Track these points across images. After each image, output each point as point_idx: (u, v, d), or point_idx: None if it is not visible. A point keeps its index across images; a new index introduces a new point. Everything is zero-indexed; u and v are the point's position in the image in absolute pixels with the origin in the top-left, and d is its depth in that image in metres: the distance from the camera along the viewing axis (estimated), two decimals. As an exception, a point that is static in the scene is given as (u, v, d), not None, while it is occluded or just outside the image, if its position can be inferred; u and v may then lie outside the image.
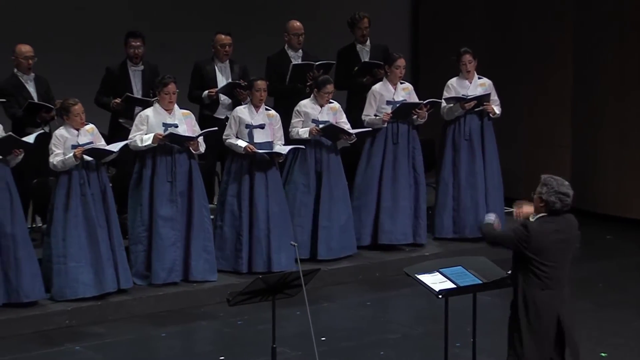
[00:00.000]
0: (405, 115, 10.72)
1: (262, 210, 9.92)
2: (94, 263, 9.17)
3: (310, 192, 10.32)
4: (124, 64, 10.48)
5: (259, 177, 9.94)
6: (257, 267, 9.91)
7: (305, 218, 10.31)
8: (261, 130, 9.94)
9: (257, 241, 9.92)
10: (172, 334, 9.06)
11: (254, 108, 9.97)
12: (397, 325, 9.29)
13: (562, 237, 6.57)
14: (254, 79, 9.99)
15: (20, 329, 8.86)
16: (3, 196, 8.88)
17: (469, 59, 10.94)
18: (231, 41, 10.65)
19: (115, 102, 10.26)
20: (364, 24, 11.40)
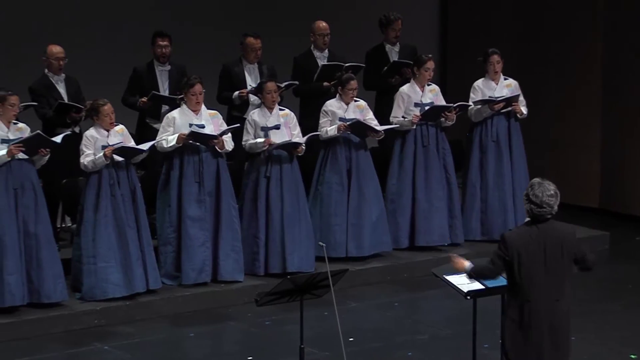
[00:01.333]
0: (434, 118, 10.72)
1: (277, 212, 9.93)
2: (123, 263, 9.20)
3: (344, 190, 10.34)
4: (151, 64, 10.52)
5: (275, 178, 9.95)
6: (272, 268, 9.92)
7: (342, 217, 10.32)
8: (277, 131, 9.96)
9: (273, 243, 9.93)
10: (200, 334, 9.08)
11: (267, 110, 9.98)
12: (425, 326, 9.27)
13: (542, 246, 6.31)
14: (264, 82, 10.02)
15: (50, 329, 8.90)
16: (28, 196, 8.92)
17: (497, 60, 10.91)
18: (260, 44, 10.68)
19: (142, 100, 10.29)
20: (398, 26, 11.40)
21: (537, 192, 6.39)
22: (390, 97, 11.00)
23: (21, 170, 8.90)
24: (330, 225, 10.29)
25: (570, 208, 6.85)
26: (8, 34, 11.24)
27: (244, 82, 10.71)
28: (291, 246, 9.92)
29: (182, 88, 9.66)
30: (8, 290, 8.77)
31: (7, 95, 8.83)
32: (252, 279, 9.87)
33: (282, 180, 9.97)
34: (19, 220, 8.86)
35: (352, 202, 10.35)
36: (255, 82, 10.68)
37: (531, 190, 6.41)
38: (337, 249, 10.29)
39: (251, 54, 10.68)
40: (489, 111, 10.92)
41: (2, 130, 8.88)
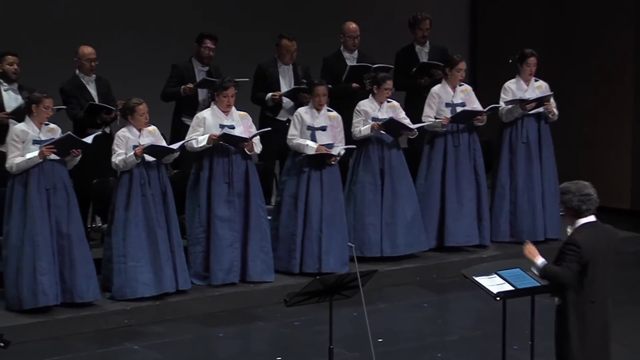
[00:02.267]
0: (464, 120, 10.70)
1: (315, 211, 9.95)
2: (153, 263, 9.24)
3: (377, 189, 10.35)
4: (190, 62, 10.56)
5: (315, 177, 9.97)
6: (307, 268, 9.93)
7: (376, 217, 10.33)
8: (323, 132, 9.99)
9: (310, 242, 9.94)
10: (229, 334, 9.10)
11: (315, 110, 10.02)
12: (454, 327, 9.26)
13: (602, 245, 6.46)
14: (315, 84, 10.03)
15: (80, 328, 8.95)
16: (60, 196, 8.97)
17: (535, 62, 10.89)
18: (296, 46, 10.70)
19: (188, 87, 10.32)
20: (426, 25, 11.39)
21: (580, 188, 6.49)
22: (420, 97, 11.00)
23: (53, 171, 8.96)
24: (365, 224, 10.31)
25: (601, 210, 6.83)
26: (39, 34, 11.30)
27: (278, 83, 10.73)
28: (327, 246, 9.93)
29: (216, 89, 9.69)
30: (41, 290, 8.82)
31: (42, 98, 8.90)
32: (281, 280, 9.88)
33: (323, 180, 9.99)
34: (52, 220, 8.92)
35: (385, 201, 10.36)
36: (290, 84, 10.71)
37: (571, 190, 6.49)
38: (372, 249, 10.30)
39: (286, 56, 10.71)
40: (520, 111, 10.89)
41: (34, 132, 8.93)
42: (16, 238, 8.86)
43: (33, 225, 8.82)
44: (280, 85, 10.70)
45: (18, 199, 8.88)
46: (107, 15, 11.77)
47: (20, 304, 8.86)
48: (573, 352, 6.48)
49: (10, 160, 8.87)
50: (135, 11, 11.93)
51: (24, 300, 8.85)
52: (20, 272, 8.83)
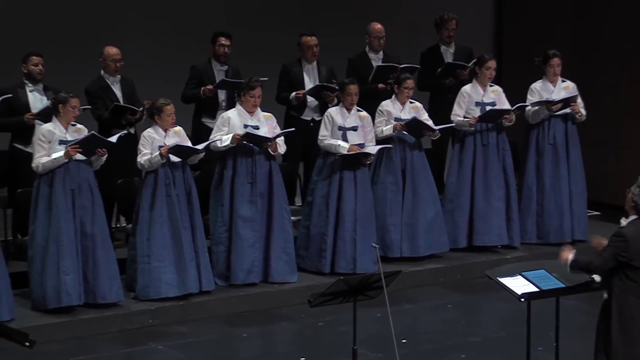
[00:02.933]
0: (492, 120, 10.68)
1: (349, 211, 9.95)
2: (177, 263, 9.25)
3: (399, 190, 10.34)
4: (209, 63, 10.59)
5: (348, 177, 9.98)
6: (340, 268, 9.92)
7: (397, 217, 10.33)
8: (354, 132, 9.99)
9: (343, 242, 9.94)
10: (253, 334, 9.11)
11: (346, 110, 10.02)
12: (478, 329, 9.23)
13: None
14: (347, 83, 10.03)
15: (104, 328, 8.98)
16: (85, 197, 9.00)
17: (558, 62, 10.85)
18: (317, 41, 10.71)
19: (207, 88, 10.35)
20: (452, 25, 11.37)
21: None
22: (444, 98, 10.98)
23: (79, 171, 8.99)
24: (385, 225, 10.30)
25: (627, 210, 6.89)
26: (65, 35, 11.35)
27: (302, 82, 10.74)
28: (362, 247, 9.92)
29: (242, 89, 9.70)
30: (65, 290, 8.85)
31: (68, 97, 8.93)
32: (305, 280, 9.88)
33: (356, 180, 9.99)
34: (76, 220, 8.95)
35: (406, 202, 10.35)
36: (314, 83, 10.72)
37: None
38: (392, 249, 10.29)
39: (308, 52, 10.72)
40: (547, 112, 10.85)
41: (60, 132, 8.97)
42: (41, 238, 8.89)
43: (58, 225, 8.86)
44: (305, 85, 10.71)
45: (43, 199, 8.91)
46: (131, 16, 11.80)
47: (44, 303, 8.90)
48: (615, 346, 6.46)
49: (37, 160, 8.91)
50: (158, 12, 11.96)
51: (47, 300, 8.88)
52: (44, 272, 8.87)
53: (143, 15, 11.89)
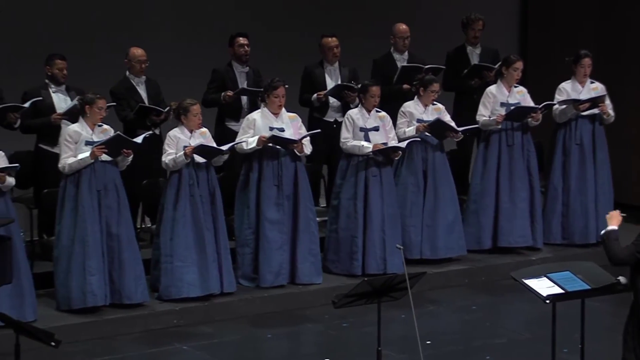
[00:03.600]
0: (519, 118, 10.65)
1: (377, 212, 9.94)
2: (200, 264, 9.27)
3: (420, 191, 10.32)
4: (230, 65, 10.60)
5: (373, 178, 9.97)
6: (370, 269, 9.91)
7: (417, 218, 10.31)
8: (376, 133, 9.99)
9: (372, 243, 9.93)
10: (277, 335, 9.12)
11: (366, 111, 10.02)
12: (503, 330, 9.21)
13: None
14: (369, 85, 10.02)
15: (130, 328, 9.00)
16: (111, 197, 9.03)
17: (589, 63, 10.81)
18: (337, 42, 10.72)
19: (228, 94, 10.37)
20: (478, 26, 11.35)
21: None
22: (470, 99, 10.95)
23: (105, 172, 9.02)
24: (406, 226, 10.29)
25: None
26: (90, 36, 11.39)
27: (324, 84, 10.75)
28: (391, 247, 9.90)
29: (265, 90, 9.71)
30: (90, 290, 8.89)
31: (95, 99, 8.97)
32: (330, 281, 9.88)
33: (382, 181, 9.98)
34: (102, 221, 8.98)
35: (427, 203, 10.33)
36: (336, 84, 10.71)
37: None
38: (413, 251, 10.27)
39: (329, 54, 10.72)
40: (574, 112, 10.82)
41: (87, 133, 9.01)
42: (67, 238, 8.93)
43: (83, 225, 8.89)
44: (327, 87, 10.71)
45: (70, 199, 8.95)
46: (154, 17, 11.83)
47: (69, 303, 8.94)
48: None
49: (63, 160, 8.95)
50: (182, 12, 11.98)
51: (72, 300, 8.92)
52: (69, 272, 8.91)
53: (166, 15, 11.90)
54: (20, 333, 6.69)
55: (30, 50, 10.82)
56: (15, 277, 8.39)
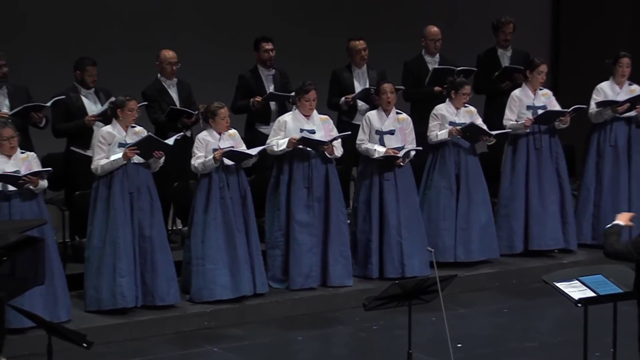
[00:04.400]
0: (547, 122, 10.61)
1: (392, 216, 9.92)
2: (231, 266, 9.29)
3: (452, 194, 10.30)
4: (256, 70, 10.62)
5: (389, 182, 9.94)
6: (389, 273, 9.90)
7: (450, 221, 10.29)
8: (391, 136, 9.95)
9: (389, 247, 9.92)
10: (308, 337, 9.12)
11: (384, 113, 9.99)
12: (535, 333, 9.17)
13: None
14: (381, 83, 10.01)
15: (162, 330, 9.03)
16: (144, 199, 9.07)
17: (628, 63, 10.77)
18: (365, 45, 10.71)
19: (256, 100, 10.38)
20: (509, 29, 11.32)
21: None
22: (500, 101, 10.92)
23: (137, 174, 9.06)
24: (439, 229, 10.27)
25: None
26: (121, 39, 11.45)
27: (352, 87, 10.74)
28: (410, 250, 9.90)
29: (296, 93, 9.72)
30: (120, 292, 8.93)
31: (125, 101, 9.02)
32: (361, 283, 9.87)
33: (397, 184, 9.97)
34: (134, 223, 9.02)
35: (460, 206, 10.30)
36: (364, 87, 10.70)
37: None
38: (446, 254, 10.25)
39: (357, 57, 10.72)
40: (610, 113, 10.77)
41: (120, 135, 9.05)
42: (98, 239, 8.98)
43: (115, 227, 8.94)
44: (355, 90, 10.71)
45: (102, 201, 9.00)
46: (184, 20, 11.87)
47: (99, 304, 8.98)
48: None
49: (96, 162, 9.00)
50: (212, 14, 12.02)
51: (103, 301, 8.97)
52: (100, 273, 8.96)
53: (195, 17, 11.94)
54: (53, 334, 6.73)
55: (60, 52, 10.89)
56: (48, 278, 8.43)
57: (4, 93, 9.49)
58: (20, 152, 8.67)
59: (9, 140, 8.56)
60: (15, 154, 8.62)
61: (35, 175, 8.57)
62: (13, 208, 8.59)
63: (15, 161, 8.61)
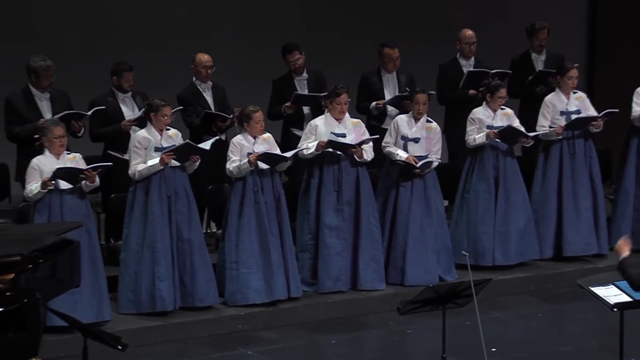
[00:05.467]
0: (579, 127, 10.56)
1: (401, 223, 9.87)
2: (265, 270, 9.30)
3: (491, 198, 10.27)
4: (289, 75, 10.63)
5: (402, 188, 9.90)
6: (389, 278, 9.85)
7: (489, 225, 10.26)
8: (415, 144, 9.92)
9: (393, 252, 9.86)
10: (341, 341, 9.12)
11: (414, 120, 9.97)
12: (569, 338, 9.13)
13: None
14: (416, 92, 9.99)
15: (196, 333, 9.06)
16: (182, 202, 9.11)
17: None
18: (398, 54, 10.69)
19: (286, 105, 10.41)
20: (543, 34, 11.28)
21: None
22: (534, 105, 10.88)
23: (175, 178, 9.10)
24: (478, 233, 10.24)
25: None
26: (156, 43, 11.51)
27: (382, 92, 10.73)
28: (411, 259, 9.84)
29: (328, 97, 9.73)
30: (159, 295, 8.97)
31: (160, 106, 9.06)
32: (393, 287, 9.86)
33: (413, 191, 9.92)
34: (172, 226, 9.05)
35: (499, 210, 10.28)
36: (394, 92, 10.71)
37: None
38: (485, 257, 10.22)
39: (389, 64, 10.71)
40: None
41: (155, 138, 9.10)
42: (135, 243, 9.03)
43: (153, 231, 8.98)
44: (385, 94, 10.69)
45: (139, 205, 9.04)
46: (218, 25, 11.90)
47: (138, 307, 9.02)
48: None
49: (133, 167, 9.05)
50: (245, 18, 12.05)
51: (141, 304, 9.01)
52: (138, 277, 9.00)
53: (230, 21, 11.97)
54: (88, 336, 6.77)
55: (97, 56, 10.96)
56: (94, 277, 8.65)
57: (47, 97, 9.57)
58: (67, 152, 8.76)
59: (59, 139, 8.67)
60: (62, 153, 8.71)
61: (94, 170, 8.66)
62: (64, 207, 8.69)
63: (62, 161, 8.70)
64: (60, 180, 8.63)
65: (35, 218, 8.65)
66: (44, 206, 8.65)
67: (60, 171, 8.58)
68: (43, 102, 9.53)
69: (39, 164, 8.65)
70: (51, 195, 8.64)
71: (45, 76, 9.43)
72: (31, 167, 8.66)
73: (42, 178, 8.56)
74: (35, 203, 8.66)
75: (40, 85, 9.46)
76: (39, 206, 8.65)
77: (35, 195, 8.61)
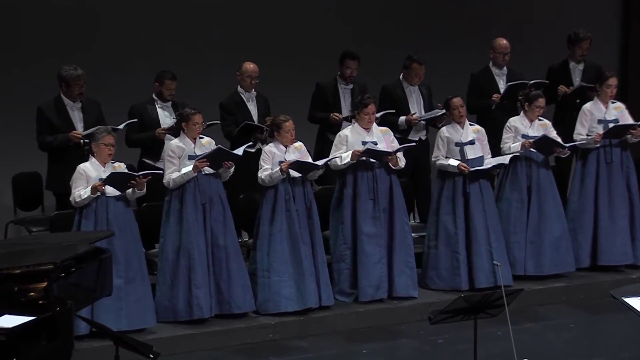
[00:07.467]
0: (617, 136, 10.51)
1: (481, 227, 9.88)
2: (297, 278, 9.31)
3: (523, 207, 10.25)
4: (335, 81, 10.64)
5: (474, 193, 9.91)
6: (480, 283, 9.85)
7: (521, 234, 10.24)
8: (472, 147, 9.94)
9: (480, 257, 9.87)
10: (373, 350, 9.10)
11: (458, 125, 9.98)
12: (602, 349, 9.07)
13: None
14: (450, 98, 9.99)
15: (228, 341, 9.08)
16: (217, 209, 9.15)
17: None
18: (424, 70, 10.67)
19: (334, 117, 10.41)
20: (586, 44, 11.24)
21: None
22: (570, 114, 10.83)
23: (209, 185, 9.14)
24: (509, 242, 10.22)
25: None
26: (202, 50, 11.54)
27: (406, 104, 10.70)
28: (499, 260, 9.83)
29: (356, 107, 9.75)
30: (196, 303, 9.00)
31: (190, 115, 9.10)
32: (426, 296, 9.84)
33: (483, 193, 9.93)
34: (207, 233, 9.09)
35: (531, 219, 10.24)
36: (417, 104, 10.71)
37: None
38: (516, 267, 10.19)
39: (415, 79, 10.70)
40: None
41: (188, 147, 9.14)
42: (171, 251, 9.07)
43: (188, 239, 9.01)
44: (409, 106, 10.66)
45: (174, 213, 9.09)
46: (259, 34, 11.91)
47: (174, 315, 9.06)
48: None
49: (167, 175, 9.10)
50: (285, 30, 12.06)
51: (178, 313, 9.05)
52: (175, 285, 9.04)
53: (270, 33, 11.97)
54: (120, 345, 6.80)
55: (140, 64, 11.01)
56: (139, 284, 8.71)
57: (79, 107, 9.62)
58: (111, 162, 8.82)
59: (109, 147, 8.76)
60: (108, 162, 8.78)
61: (144, 177, 8.71)
62: (110, 214, 8.76)
63: (108, 169, 8.77)
64: (107, 187, 8.68)
65: (83, 224, 8.73)
66: (90, 212, 8.72)
67: (114, 176, 8.64)
68: (74, 112, 9.59)
69: (86, 170, 8.74)
70: (97, 201, 8.71)
71: (75, 85, 9.47)
72: (77, 173, 8.74)
73: (92, 183, 8.61)
74: (82, 209, 8.73)
75: (71, 94, 9.51)
76: (85, 212, 8.72)
77: (83, 200, 8.67)
